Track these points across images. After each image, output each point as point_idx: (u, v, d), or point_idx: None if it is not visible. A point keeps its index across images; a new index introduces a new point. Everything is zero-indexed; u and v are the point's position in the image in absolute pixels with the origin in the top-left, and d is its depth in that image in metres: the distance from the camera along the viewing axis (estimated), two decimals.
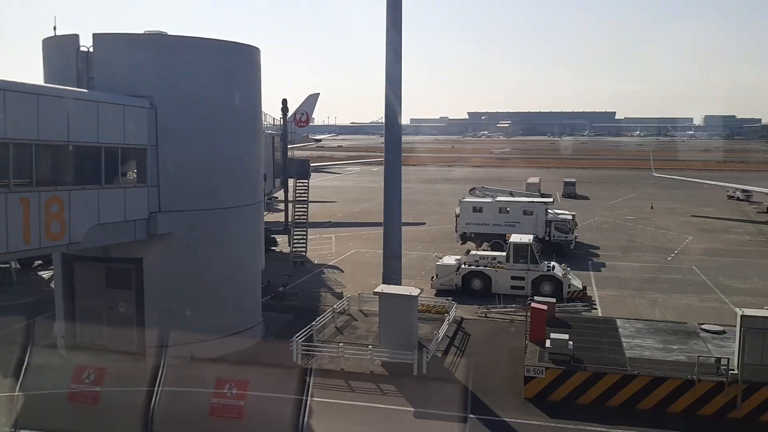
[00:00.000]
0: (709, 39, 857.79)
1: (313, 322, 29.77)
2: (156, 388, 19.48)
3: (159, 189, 26.77)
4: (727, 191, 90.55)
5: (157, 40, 27.35)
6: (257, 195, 31.66)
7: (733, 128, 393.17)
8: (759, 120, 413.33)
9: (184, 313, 26.85)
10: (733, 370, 22.89)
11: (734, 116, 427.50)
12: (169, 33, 27.67)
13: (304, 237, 48.28)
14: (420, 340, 28.52)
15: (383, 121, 32.55)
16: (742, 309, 24.02)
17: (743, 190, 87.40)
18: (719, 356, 23.62)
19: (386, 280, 31.75)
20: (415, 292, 28.66)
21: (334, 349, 27.72)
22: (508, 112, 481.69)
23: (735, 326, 23.70)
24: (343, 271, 45.67)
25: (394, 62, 31.75)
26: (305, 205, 48.87)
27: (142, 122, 26.08)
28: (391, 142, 32.43)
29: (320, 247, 53.57)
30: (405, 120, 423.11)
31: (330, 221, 67.80)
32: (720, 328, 27.84)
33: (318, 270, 46.20)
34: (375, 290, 29.24)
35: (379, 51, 31.98)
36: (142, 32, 27.31)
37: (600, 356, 25.22)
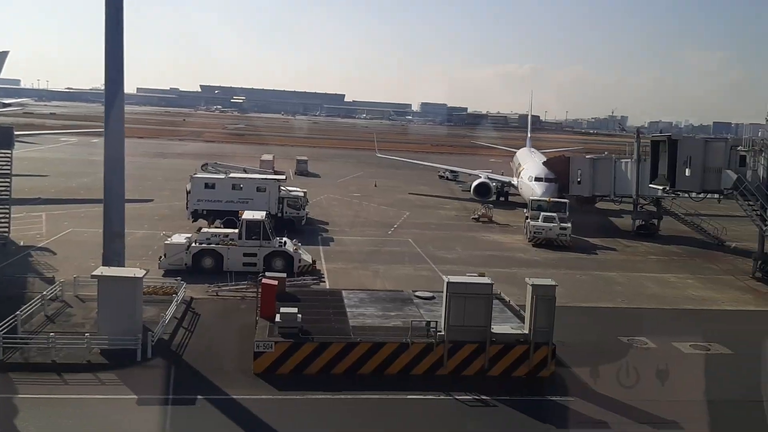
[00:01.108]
0: (426, 34, 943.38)
1: (18, 312, 26.42)
2: None
3: None
4: (439, 171, 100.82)
5: None
6: None
7: (444, 115, 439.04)
8: (465, 109, 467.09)
9: None
10: (440, 331, 25.61)
11: (446, 104, 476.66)
12: None
13: (7, 215, 42.49)
14: (145, 324, 27.03)
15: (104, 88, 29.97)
16: (448, 276, 26.97)
17: (451, 171, 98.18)
18: (429, 320, 26.26)
19: (107, 262, 29.53)
20: (139, 273, 27.07)
21: (43, 340, 24.96)
22: (242, 88, 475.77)
23: (442, 292, 26.49)
24: (55, 254, 41.22)
25: (115, 24, 29.55)
26: (8, 179, 42.90)
27: None
28: (113, 111, 30.16)
29: (27, 227, 47.56)
30: (130, 88, 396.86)
31: (40, 198, 60.53)
32: (430, 294, 30.97)
33: (24, 253, 41.07)
34: (93, 273, 26.93)
35: (98, 11, 29.35)
36: None
37: (327, 327, 26.46)
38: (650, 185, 54.23)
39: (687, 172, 48.00)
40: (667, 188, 51.06)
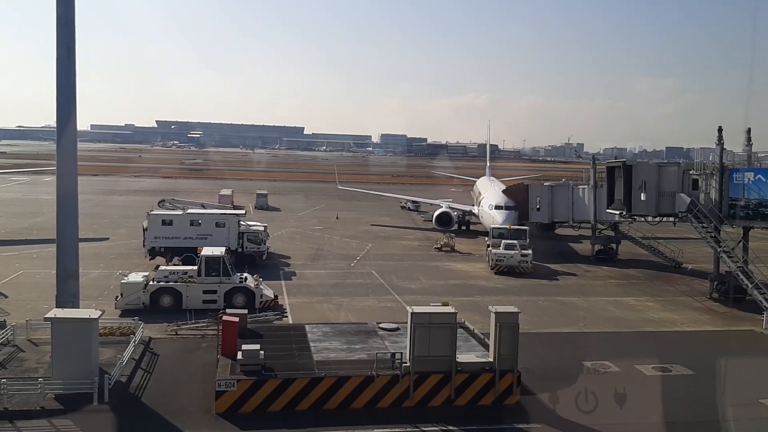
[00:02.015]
0: (385, 66, 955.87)
1: None
2: None
3: None
4: (401, 202, 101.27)
5: None
6: None
7: (404, 146, 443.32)
8: (425, 139, 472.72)
9: None
10: (406, 363, 25.37)
11: (405, 135, 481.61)
12: None
13: None
14: (101, 366, 26.13)
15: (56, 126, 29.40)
16: (412, 307, 26.82)
17: (413, 201, 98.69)
18: (394, 351, 26.02)
19: (61, 304, 28.70)
20: (94, 314, 26.21)
21: None
22: (199, 122, 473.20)
23: (407, 323, 26.33)
24: (6, 297, 39.79)
25: (67, 61, 29.20)
26: None
27: None
28: (66, 149, 29.61)
29: None
30: (83, 125, 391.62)
31: None
32: (395, 326, 30.77)
33: None
34: (46, 316, 26.03)
35: (50, 46, 29.00)
36: None
37: (290, 363, 25.97)
38: (607, 210, 55.25)
39: (642, 196, 49.07)
40: (624, 213, 52.07)
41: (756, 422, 23.56)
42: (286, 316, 37.98)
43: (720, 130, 47.45)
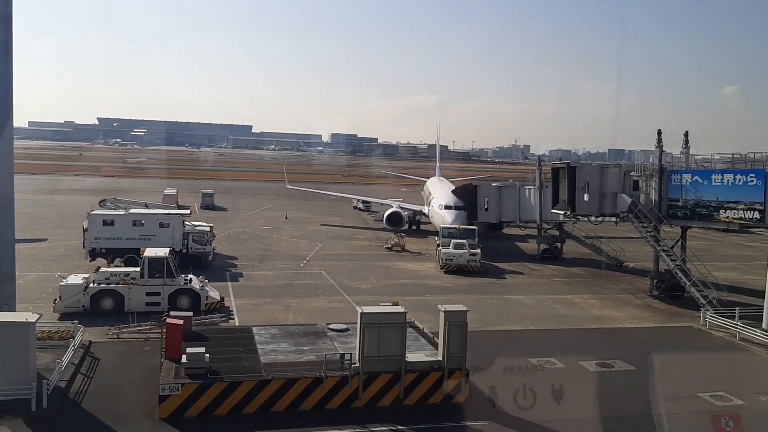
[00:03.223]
0: (335, 65, 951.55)
1: None
2: None
3: None
4: (352, 202, 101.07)
5: None
6: None
7: (355, 145, 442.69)
8: (376, 139, 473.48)
9: None
10: (355, 363, 25.27)
11: (356, 135, 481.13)
12: None
13: None
14: (39, 372, 25.17)
15: None
16: (362, 307, 26.72)
17: (364, 201, 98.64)
18: (343, 352, 25.89)
19: None
20: (32, 318, 25.21)
21: None
22: (143, 120, 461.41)
23: (356, 323, 26.23)
24: None
25: (4, 56, 28.08)
26: None
27: None
28: (1, 145, 28.25)
29: None
30: (21, 122, 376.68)
31: None
32: (344, 326, 30.61)
33: None
34: None
35: None
36: None
37: (237, 365, 25.55)
38: (552, 210, 56.35)
39: (585, 197, 50.22)
40: (568, 213, 53.21)
41: (694, 415, 24.34)
42: (233, 318, 37.39)
43: (659, 133, 49.07)
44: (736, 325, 36.88)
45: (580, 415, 25.18)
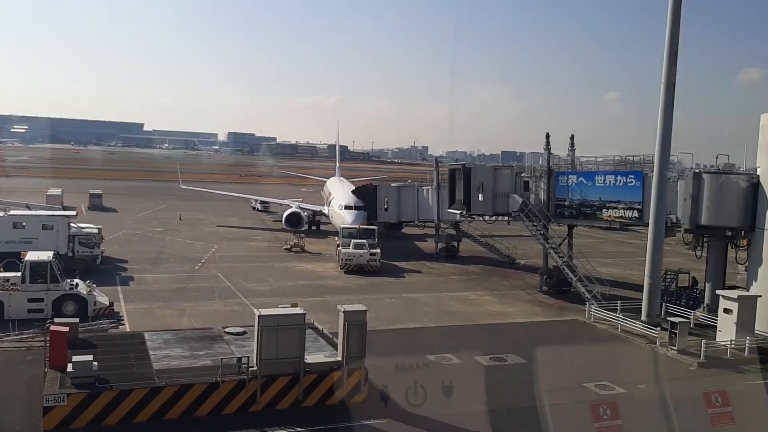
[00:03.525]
0: (231, 62, 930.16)
1: None
2: None
3: None
4: (250, 202, 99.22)
5: None
6: None
7: (253, 145, 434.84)
8: (275, 138, 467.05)
9: None
10: (253, 367, 24.83)
11: (254, 134, 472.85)
12: None
13: None
14: None
15: None
16: (260, 309, 26.30)
17: (262, 202, 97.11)
18: (240, 356, 25.38)
19: None
20: None
21: None
22: (24, 116, 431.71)
23: (254, 326, 25.78)
24: None
25: None
26: None
27: None
28: None
29: None
30: None
31: None
32: (242, 329, 29.98)
33: None
34: None
35: None
36: None
37: (127, 373, 24.48)
38: (449, 210, 57.78)
39: (480, 197, 51.86)
40: (464, 212, 54.75)
41: (580, 404, 25.60)
42: (123, 324, 35.75)
43: (547, 136, 51.61)
44: (618, 317, 39.25)
45: (476, 408, 25.93)
